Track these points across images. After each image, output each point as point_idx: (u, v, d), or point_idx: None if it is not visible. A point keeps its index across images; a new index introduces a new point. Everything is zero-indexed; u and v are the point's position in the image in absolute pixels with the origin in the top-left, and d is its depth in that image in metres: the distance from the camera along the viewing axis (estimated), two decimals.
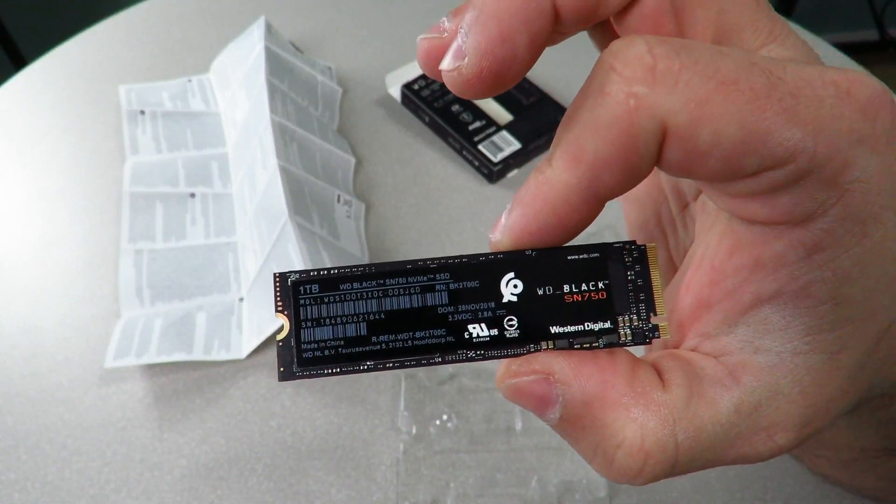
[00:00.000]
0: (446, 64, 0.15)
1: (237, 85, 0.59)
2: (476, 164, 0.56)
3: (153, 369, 0.45)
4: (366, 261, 0.50)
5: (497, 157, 0.55)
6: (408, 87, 0.61)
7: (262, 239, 0.48)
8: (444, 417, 0.42)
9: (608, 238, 0.51)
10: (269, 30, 0.61)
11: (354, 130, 0.60)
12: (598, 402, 0.15)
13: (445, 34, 0.16)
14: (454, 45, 0.15)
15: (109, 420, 0.43)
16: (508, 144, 0.56)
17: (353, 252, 0.50)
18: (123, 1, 0.73)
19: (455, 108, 0.59)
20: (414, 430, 0.42)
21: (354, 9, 0.71)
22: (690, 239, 0.21)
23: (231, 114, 0.59)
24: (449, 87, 0.16)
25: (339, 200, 0.52)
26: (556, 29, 0.15)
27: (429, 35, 0.16)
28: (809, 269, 0.14)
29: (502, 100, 0.60)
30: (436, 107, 0.59)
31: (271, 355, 0.46)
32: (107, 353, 0.44)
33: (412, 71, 0.62)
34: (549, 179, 0.15)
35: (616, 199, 0.18)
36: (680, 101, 0.13)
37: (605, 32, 0.17)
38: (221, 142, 0.59)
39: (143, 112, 0.60)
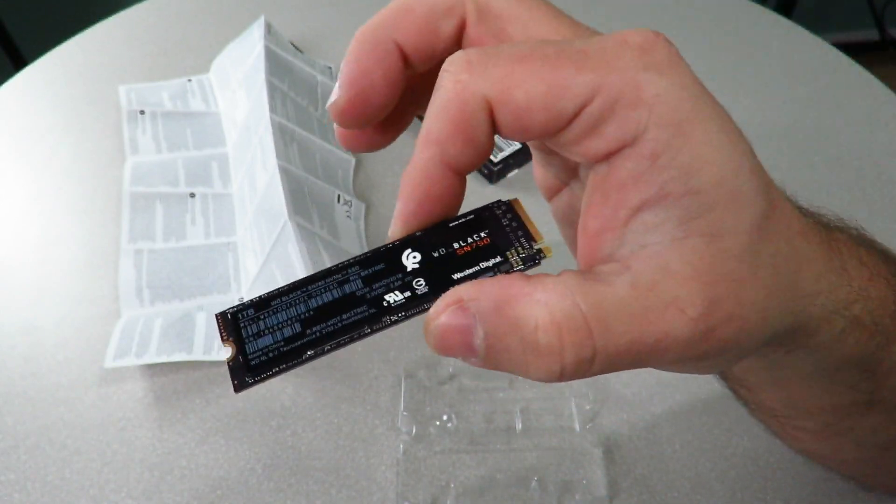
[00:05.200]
0: (329, 101, 0.20)
1: (237, 85, 0.59)
2: None
3: (153, 369, 0.45)
4: None
5: (497, 157, 0.55)
6: None
7: (262, 239, 0.48)
8: (444, 417, 0.42)
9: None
10: (269, 30, 0.61)
11: None
12: (506, 304, 0.17)
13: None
14: (335, 87, 0.20)
15: (109, 420, 0.43)
16: (508, 144, 0.56)
17: (354, 252, 0.50)
18: (123, 1, 0.73)
19: None
20: (414, 430, 0.42)
21: (354, 9, 0.71)
22: None
23: (231, 114, 0.59)
24: (333, 119, 0.20)
25: (339, 200, 0.52)
26: (407, 67, 0.20)
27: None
28: (659, 173, 0.17)
29: None
30: None
31: None
32: (107, 353, 0.44)
33: None
34: (412, 161, 0.18)
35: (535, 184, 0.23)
36: (492, 79, 0.17)
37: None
38: (221, 142, 0.59)
39: (143, 112, 0.60)
